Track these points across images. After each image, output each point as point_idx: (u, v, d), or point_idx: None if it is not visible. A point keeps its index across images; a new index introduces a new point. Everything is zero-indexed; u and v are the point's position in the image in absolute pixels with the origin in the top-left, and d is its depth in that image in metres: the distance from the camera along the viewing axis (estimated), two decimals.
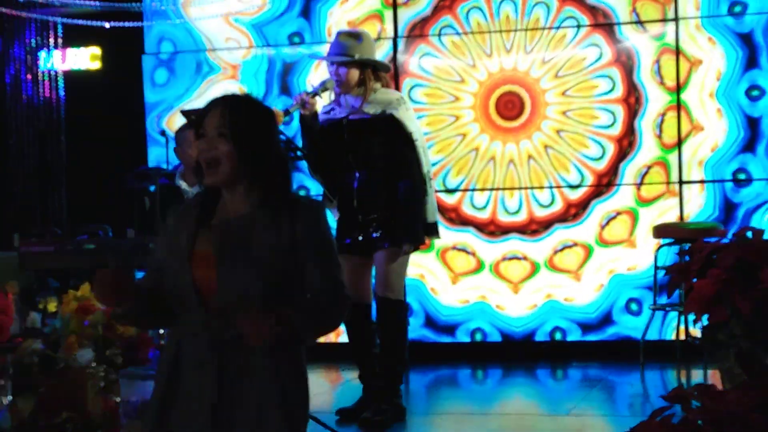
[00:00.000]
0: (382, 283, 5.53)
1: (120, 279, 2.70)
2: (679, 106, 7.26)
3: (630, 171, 7.34)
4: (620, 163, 7.34)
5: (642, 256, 7.29)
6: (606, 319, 7.37)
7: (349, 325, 5.71)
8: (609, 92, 7.36)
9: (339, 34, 5.63)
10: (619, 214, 7.35)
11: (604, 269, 7.36)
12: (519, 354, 7.43)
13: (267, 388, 2.75)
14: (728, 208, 7.19)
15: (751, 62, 7.16)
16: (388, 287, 5.52)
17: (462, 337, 7.54)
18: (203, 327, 2.73)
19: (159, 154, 7.53)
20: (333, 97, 5.61)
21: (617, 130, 7.36)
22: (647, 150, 7.31)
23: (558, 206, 7.44)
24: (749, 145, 7.19)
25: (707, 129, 7.24)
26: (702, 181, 7.24)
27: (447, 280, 7.57)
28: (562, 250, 7.42)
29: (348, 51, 5.48)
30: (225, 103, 2.77)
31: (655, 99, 7.30)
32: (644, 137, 7.31)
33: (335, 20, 7.66)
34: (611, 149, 7.36)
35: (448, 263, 7.56)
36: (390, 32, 7.63)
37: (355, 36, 5.58)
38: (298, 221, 2.75)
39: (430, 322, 7.58)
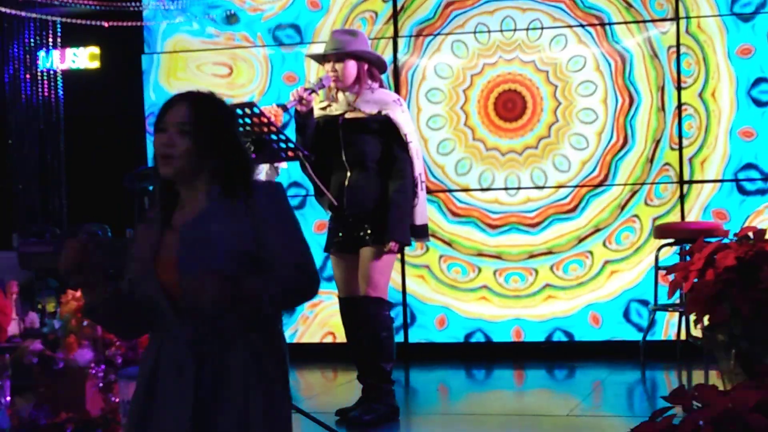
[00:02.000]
0: (365, 281, 5.54)
1: (85, 253, 2.66)
2: (680, 105, 7.25)
3: (629, 170, 7.33)
4: (616, 162, 7.34)
5: (642, 256, 7.29)
6: (607, 320, 7.37)
7: (345, 322, 5.71)
8: (596, 92, 7.36)
9: (334, 31, 5.67)
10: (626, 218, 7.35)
11: (605, 269, 7.36)
12: (519, 354, 7.42)
13: (248, 379, 2.71)
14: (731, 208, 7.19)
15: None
16: (371, 285, 5.52)
17: (461, 337, 7.54)
18: (178, 329, 2.72)
19: None
20: (329, 93, 5.62)
21: (609, 129, 7.35)
22: (644, 149, 7.30)
23: (558, 202, 7.43)
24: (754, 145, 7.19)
25: (709, 128, 7.23)
26: (704, 181, 7.23)
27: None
28: (562, 259, 7.41)
29: (343, 46, 5.51)
30: (187, 100, 2.76)
31: (647, 97, 7.29)
32: (642, 136, 7.31)
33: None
34: (601, 148, 7.36)
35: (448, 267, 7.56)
36: (390, 32, 7.63)
37: (351, 33, 5.61)
38: (255, 204, 2.73)
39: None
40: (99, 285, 2.71)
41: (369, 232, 5.52)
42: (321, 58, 5.66)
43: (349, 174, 5.57)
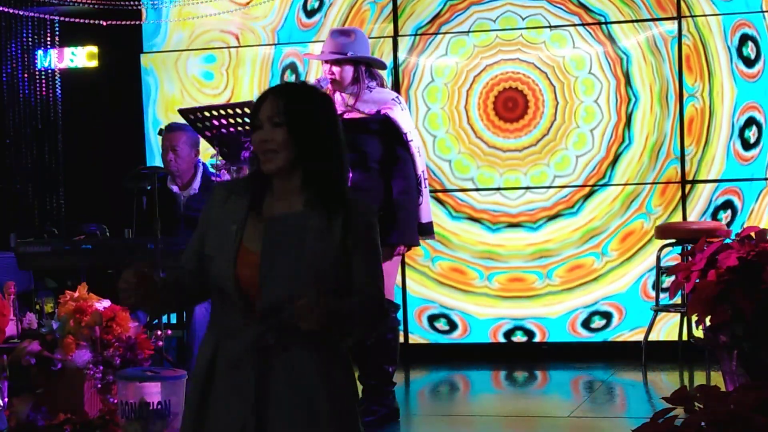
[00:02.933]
0: None
1: (147, 281, 2.60)
2: (681, 104, 7.23)
3: (629, 170, 7.31)
4: (616, 162, 7.32)
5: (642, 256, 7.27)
6: (607, 320, 7.35)
7: None
8: (596, 92, 7.35)
9: (332, 32, 5.64)
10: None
11: (605, 270, 7.35)
12: (519, 355, 7.41)
13: (313, 384, 2.64)
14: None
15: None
16: None
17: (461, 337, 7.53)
18: (244, 329, 2.65)
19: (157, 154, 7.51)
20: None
21: (609, 129, 7.34)
22: (644, 149, 7.28)
23: (559, 201, 7.42)
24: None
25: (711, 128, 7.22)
26: (706, 181, 7.22)
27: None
28: (564, 261, 7.40)
29: (341, 49, 5.48)
30: (277, 91, 2.71)
31: (648, 97, 7.28)
32: (642, 136, 7.30)
33: None
34: (605, 148, 7.34)
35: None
36: (390, 31, 7.61)
37: (348, 34, 5.58)
38: (351, 225, 2.67)
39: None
40: (157, 297, 2.66)
41: None
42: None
43: (350, 175, 5.53)
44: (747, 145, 7.18)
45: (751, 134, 7.16)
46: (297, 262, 2.62)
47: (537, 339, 7.44)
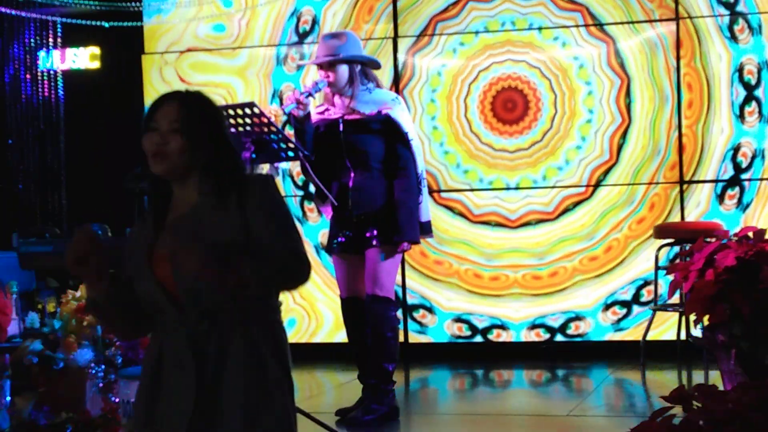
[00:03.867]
0: (372, 280, 5.54)
1: (93, 244, 2.70)
2: (679, 104, 7.25)
3: (629, 169, 7.33)
4: (616, 162, 7.34)
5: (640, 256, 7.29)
6: (607, 320, 7.37)
7: (347, 323, 5.72)
8: (597, 91, 7.36)
9: (323, 36, 5.68)
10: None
11: (604, 270, 7.37)
12: (519, 354, 7.42)
13: (247, 369, 2.75)
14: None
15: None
16: (378, 284, 5.53)
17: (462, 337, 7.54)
18: (178, 323, 2.77)
19: None
20: (327, 98, 5.62)
21: (611, 128, 7.36)
22: (645, 147, 7.30)
23: (560, 202, 7.43)
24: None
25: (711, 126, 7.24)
26: (704, 181, 7.23)
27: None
28: (561, 259, 7.42)
29: (332, 51, 5.50)
30: (178, 99, 2.82)
31: (648, 97, 7.29)
32: (641, 136, 7.31)
33: None
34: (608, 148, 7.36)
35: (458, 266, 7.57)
36: (390, 32, 7.63)
37: (339, 36, 5.61)
38: (246, 196, 2.78)
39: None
40: (103, 278, 2.75)
41: (375, 233, 5.52)
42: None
43: (352, 175, 5.55)
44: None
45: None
46: (199, 244, 2.71)
47: (537, 338, 7.45)
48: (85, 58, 8.50)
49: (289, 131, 6.06)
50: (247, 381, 2.75)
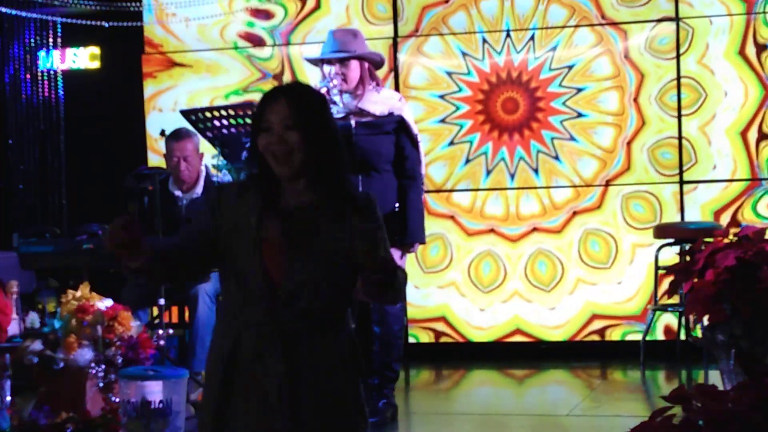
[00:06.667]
0: None
1: (133, 228, 2.64)
2: (680, 104, 7.25)
3: (629, 169, 7.33)
4: (616, 162, 7.34)
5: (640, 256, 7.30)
6: (606, 320, 7.37)
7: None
8: (596, 91, 7.36)
9: (333, 32, 5.59)
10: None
11: (604, 270, 7.37)
12: (519, 354, 7.42)
13: (336, 369, 2.76)
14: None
15: None
16: None
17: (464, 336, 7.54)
18: (269, 317, 2.71)
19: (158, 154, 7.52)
20: (329, 96, 5.55)
21: (610, 128, 7.36)
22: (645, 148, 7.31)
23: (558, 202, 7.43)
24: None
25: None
26: (702, 181, 7.23)
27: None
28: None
29: (346, 47, 5.46)
30: (288, 94, 2.76)
31: (649, 96, 7.30)
32: (643, 136, 7.32)
33: None
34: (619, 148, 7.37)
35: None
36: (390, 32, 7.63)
37: (351, 33, 5.57)
38: (357, 213, 2.75)
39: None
40: (141, 256, 2.68)
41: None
42: (320, 60, 5.61)
43: (362, 177, 5.51)
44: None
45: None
46: (315, 247, 2.72)
47: (537, 338, 7.45)
48: (84, 58, 8.50)
49: None
50: (334, 379, 2.73)
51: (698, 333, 5.29)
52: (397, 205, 5.50)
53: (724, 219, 7.14)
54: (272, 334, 2.71)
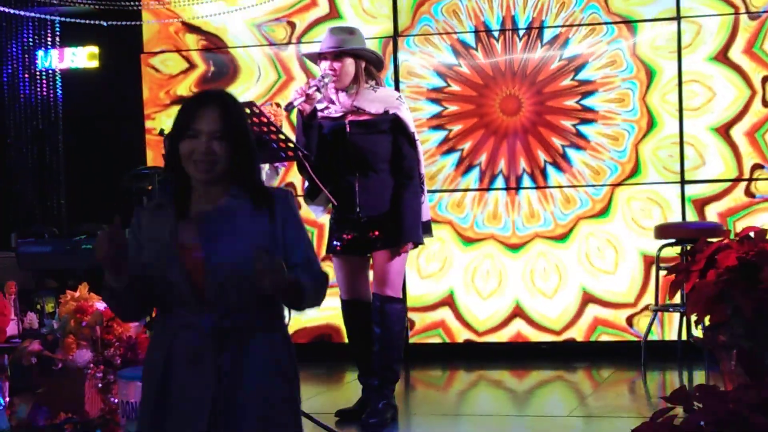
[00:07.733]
0: (382, 281, 5.51)
1: (121, 237, 2.70)
2: (680, 103, 7.25)
3: (628, 170, 7.33)
4: (616, 162, 7.34)
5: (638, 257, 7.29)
6: (606, 320, 7.36)
7: (349, 324, 5.70)
8: (597, 91, 7.36)
9: (331, 29, 5.57)
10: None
11: (604, 271, 7.36)
12: (519, 354, 7.42)
13: (269, 368, 2.80)
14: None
15: None
16: (388, 285, 5.51)
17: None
18: (198, 318, 2.76)
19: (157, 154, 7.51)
20: (325, 93, 5.51)
21: (610, 129, 7.35)
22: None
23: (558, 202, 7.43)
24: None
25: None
26: (705, 181, 7.23)
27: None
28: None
29: (342, 44, 5.45)
30: (218, 103, 2.80)
31: (649, 96, 7.29)
32: (640, 136, 7.31)
33: None
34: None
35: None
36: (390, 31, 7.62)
37: (348, 30, 5.55)
38: (274, 208, 2.81)
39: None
40: (123, 271, 2.73)
41: (378, 234, 5.48)
42: (317, 56, 5.59)
43: (358, 176, 5.49)
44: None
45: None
46: (236, 243, 2.76)
47: (537, 339, 7.44)
48: (83, 57, 8.49)
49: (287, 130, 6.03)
50: (265, 381, 2.77)
51: (699, 333, 5.29)
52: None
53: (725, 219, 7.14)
54: (202, 336, 2.75)
